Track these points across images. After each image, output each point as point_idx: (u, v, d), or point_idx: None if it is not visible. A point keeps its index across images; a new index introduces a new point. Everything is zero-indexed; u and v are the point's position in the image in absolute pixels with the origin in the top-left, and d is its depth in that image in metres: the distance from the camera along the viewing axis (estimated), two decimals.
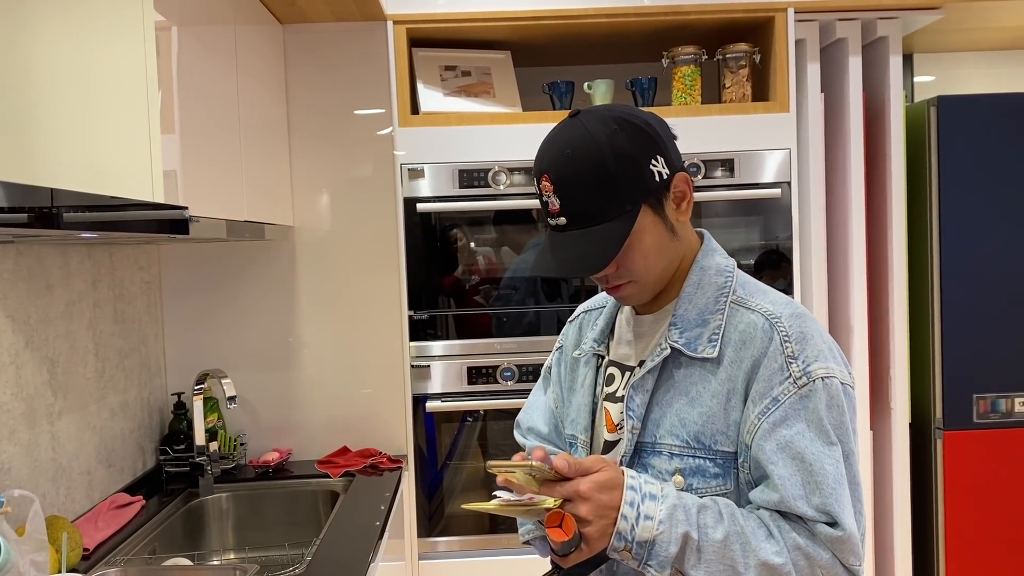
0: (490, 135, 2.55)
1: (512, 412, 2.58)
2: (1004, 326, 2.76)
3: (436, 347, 2.59)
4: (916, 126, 2.82)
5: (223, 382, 2.28)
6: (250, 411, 2.72)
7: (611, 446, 1.29)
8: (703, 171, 2.57)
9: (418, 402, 2.59)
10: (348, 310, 2.73)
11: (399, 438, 2.69)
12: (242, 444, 2.66)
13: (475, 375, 2.59)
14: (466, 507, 1.21)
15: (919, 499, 2.85)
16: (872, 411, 2.83)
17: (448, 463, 2.66)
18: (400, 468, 2.56)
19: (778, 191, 2.57)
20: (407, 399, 2.61)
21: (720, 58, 2.65)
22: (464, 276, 2.63)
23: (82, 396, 2.11)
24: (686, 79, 2.62)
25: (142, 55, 1.54)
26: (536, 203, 2.53)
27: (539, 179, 1.20)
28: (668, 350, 1.22)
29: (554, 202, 1.18)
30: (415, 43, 2.69)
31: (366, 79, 2.69)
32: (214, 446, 2.47)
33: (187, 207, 1.64)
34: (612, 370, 1.32)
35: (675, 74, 2.64)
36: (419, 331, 2.59)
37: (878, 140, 2.80)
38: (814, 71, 2.69)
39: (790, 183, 2.59)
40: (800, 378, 1.15)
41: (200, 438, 2.38)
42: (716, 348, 1.20)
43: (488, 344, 2.60)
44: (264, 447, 2.69)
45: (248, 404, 2.71)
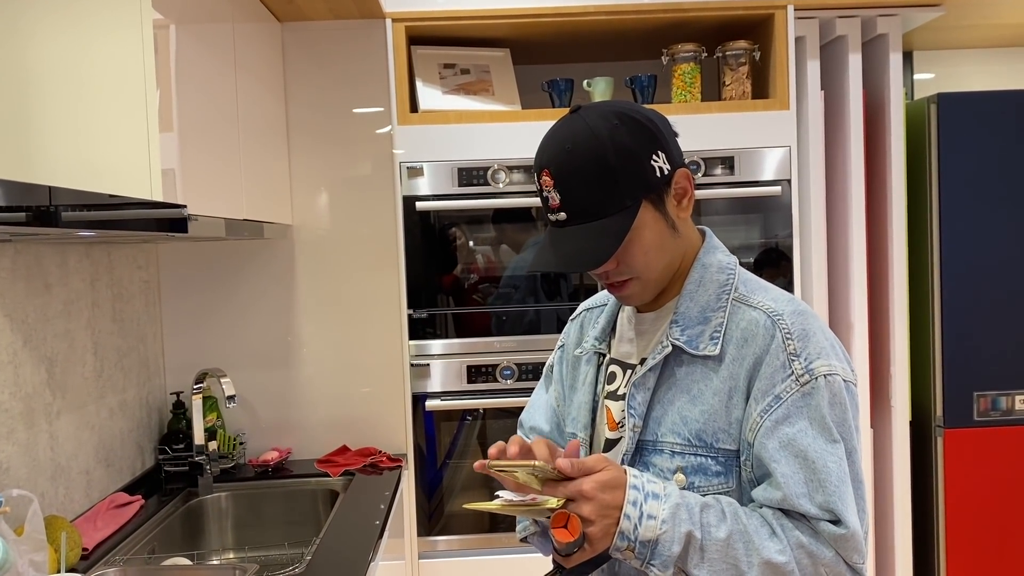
0: (489, 133, 2.54)
1: (512, 411, 2.59)
2: (1004, 323, 2.75)
3: (435, 346, 2.59)
4: (916, 123, 2.82)
5: (222, 381, 2.28)
6: (249, 410, 2.71)
7: (612, 444, 1.28)
8: (703, 169, 2.56)
9: (418, 401, 2.59)
10: (347, 309, 2.72)
11: (399, 437, 2.69)
12: (241, 443, 2.66)
13: (475, 374, 2.59)
14: (468, 507, 1.21)
15: (919, 497, 2.85)
16: (872, 409, 2.83)
17: (448, 462, 2.65)
18: (400, 467, 2.56)
19: (778, 189, 2.57)
20: (407, 398, 2.60)
21: (720, 55, 2.65)
22: (464, 275, 2.63)
23: (81, 395, 2.11)
24: (686, 77, 2.62)
25: (140, 53, 1.54)
26: (536, 201, 2.53)
27: (539, 174, 1.19)
28: (670, 348, 1.21)
29: (554, 197, 1.18)
30: (414, 41, 2.68)
31: (365, 77, 2.69)
32: (213, 445, 2.47)
33: (186, 205, 1.64)
34: (613, 368, 1.31)
35: (675, 72, 2.64)
36: (418, 330, 2.58)
37: (878, 138, 2.80)
38: (814, 68, 2.68)
39: (790, 181, 2.58)
40: (802, 375, 1.14)
41: (199, 437, 2.38)
42: (718, 346, 1.19)
43: (488, 343, 2.59)
44: (263, 446, 2.69)
45: (247, 403, 2.70)
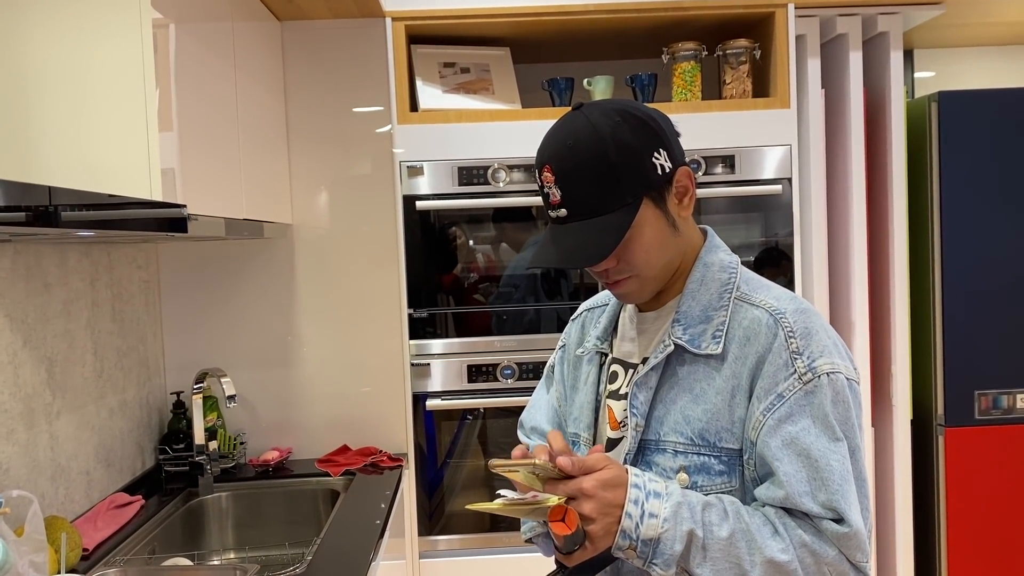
0: (489, 132, 2.54)
1: (512, 410, 2.58)
2: (1006, 322, 2.75)
3: (436, 345, 2.59)
4: (917, 122, 2.81)
5: (222, 381, 2.28)
6: (250, 410, 2.71)
7: (614, 444, 1.28)
8: (704, 167, 2.56)
9: (418, 400, 2.59)
10: (347, 308, 2.72)
11: (399, 436, 2.69)
12: (242, 443, 2.65)
13: (475, 373, 2.58)
14: (470, 507, 1.21)
15: (921, 496, 2.85)
16: (874, 408, 2.83)
17: (448, 461, 2.65)
18: (400, 466, 2.55)
19: (779, 187, 2.56)
20: (407, 397, 2.60)
21: (720, 54, 2.65)
22: (464, 274, 2.62)
23: (81, 395, 2.10)
24: (686, 75, 2.61)
25: (140, 52, 1.54)
26: (536, 200, 2.53)
27: (540, 170, 1.19)
28: (671, 347, 1.21)
29: (555, 193, 1.17)
30: (414, 40, 2.67)
31: (365, 76, 2.68)
32: (213, 445, 2.46)
33: (185, 205, 1.64)
34: (615, 368, 1.31)
35: (675, 70, 2.63)
36: (419, 329, 2.58)
37: (879, 136, 2.80)
38: (815, 67, 2.68)
39: (791, 179, 2.58)
40: (805, 374, 1.14)
41: (199, 437, 2.37)
42: (720, 344, 1.19)
43: (488, 342, 2.59)
44: (264, 446, 2.68)
45: (248, 403, 2.70)
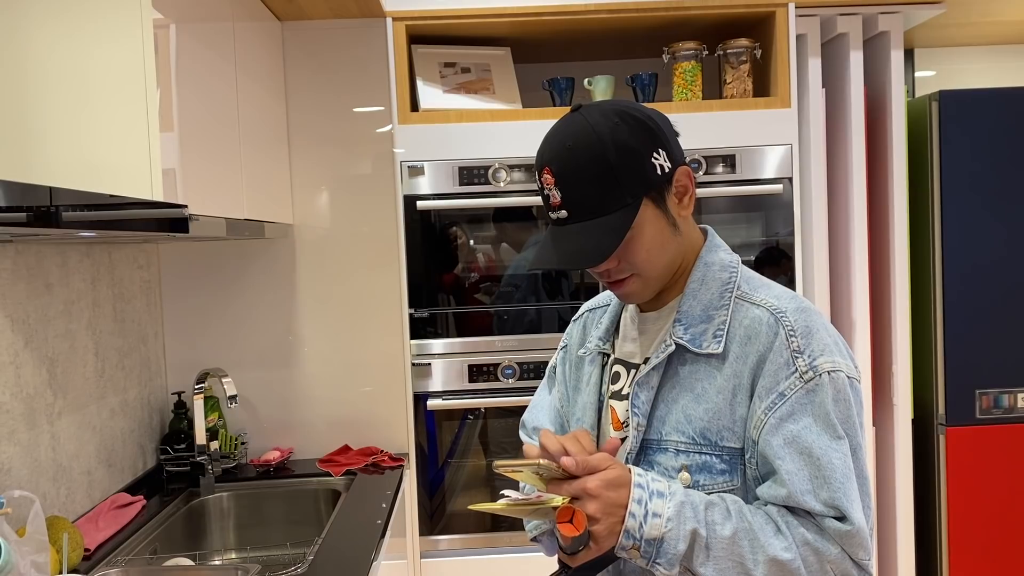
0: (490, 132, 2.54)
1: (513, 410, 2.59)
2: (1006, 321, 2.75)
3: (437, 345, 2.59)
4: (918, 121, 2.81)
5: (223, 381, 2.28)
6: (251, 410, 2.71)
7: None
8: (704, 167, 2.56)
9: (419, 400, 2.59)
10: (348, 308, 2.72)
11: (400, 436, 2.69)
12: (243, 443, 2.66)
13: (476, 373, 2.58)
14: (473, 507, 1.21)
15: (921, 495, 2.85)
16: (875, 407, 2.83)
17: (449, 461, 2.65)
18: (401, 466, 2.55)
19: (779, 187, 2.56)
20: (408, 397, 2.60)
21: (721, 54, 2.65)
22: (464, 274, 2.62)
23: (82, 396, 2.10)
24: (687, 75, 2.61)
25: (140, 53, 1.54)
26: (536, 200, 2.53)
27: (540, 172, 1.19)
28: (673, 346, 1.21)
29: (555, 195, 1.18)
30: (414, 40, 2.67)
31: (365, 76, 2.68)
32: (215, 445, 2.47)
33: (186, 205, 1.64)
34: (617, 368, 1.31)
35: (676, 70, 2.63)
36: (420, 329, 2.58)
37: (880, 135, 2.80)
38: (815, 66, 2.68)
39: (791, 179, 2.58)
40: (806, 372, 1.14)
41: (201, 437, 2.38)
42: (721, 344, 1.19)
43: (489, 342, 2.59)
44: (265, 446, 2.68)
45: (249, 403, 2.70)
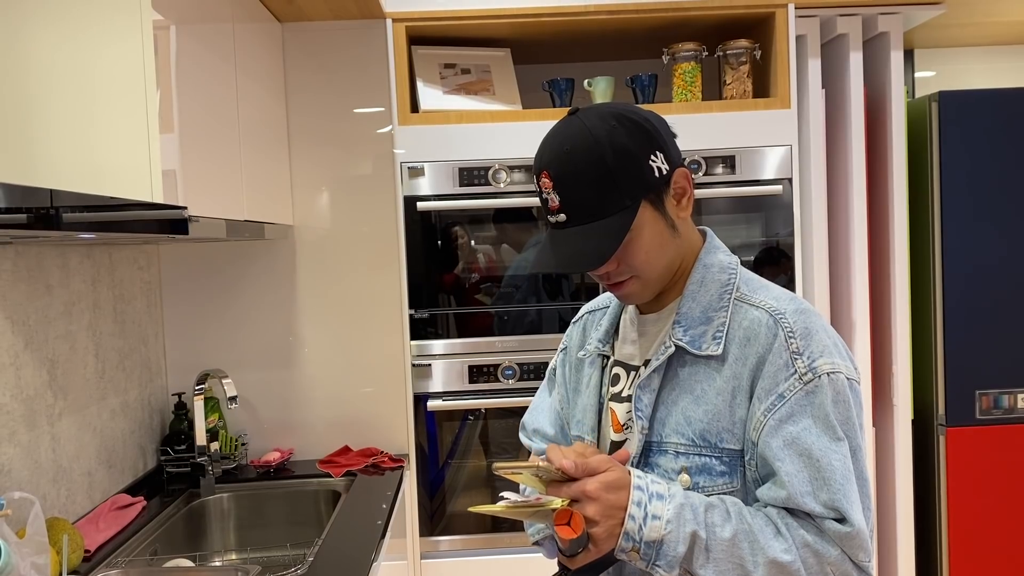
0: (490, 133, 2.54)
1: (513, 411, 2.59)
2: (1007, 321, 2.75)
3: (437, 346, 2.59)
4: (917, 121, 2.81)
5: (224, 382, 2.28)
6: (251, 411, 2.71)
7: (617, 446, 1.28)
8: (704, 168, 2.56)
9: (419, 401, 2.59)
10: (349, 309, 2.72)
11: (400, 437, 2.69)
12: (243, 444, 2.66)
13: (476, 374, 2.58)
14: (473, 509, 1.20)
15: (922, 496, 2.85)
16: (874, 407, 2.83)
17: (449, 462, 2.65)
18: (402, 467, 2.56)
19: (779, 187, 2.56)
20: (408, 398, 2.60)
21: (721, 54, 2.65)
22: (465, 274, 2.63)
23: (82, 397, 2.10)
24: (687, 76, 2.61)
25: (140, 54, 1.54)
26: (537, 201, 2.52)
27: (539, 176, 1.19)
28: (672, 348, 1.21)
29: (554, 199, 1.18)
30: (414, 41, 2.68)
31: (365, 77, 2.69)
32: (215, 446, 2.47)
33: (186, 207, 1.64)
34: (617, 370, 1.31)
35: (675, 71, 2.63)
36: (420, 330, 2.58)
37: (879, 136, 2.80)
38: (815, 67, 2.68)
39: (791, 179, 2.58)
40: (806, 374, 1.14)
41: (201, 438, 2.38)
42: (720, 345, 1.19)
43: (489, 343, 2.59)
44: (265, 447, 2.69)
45: (249, 404, 2.70)
